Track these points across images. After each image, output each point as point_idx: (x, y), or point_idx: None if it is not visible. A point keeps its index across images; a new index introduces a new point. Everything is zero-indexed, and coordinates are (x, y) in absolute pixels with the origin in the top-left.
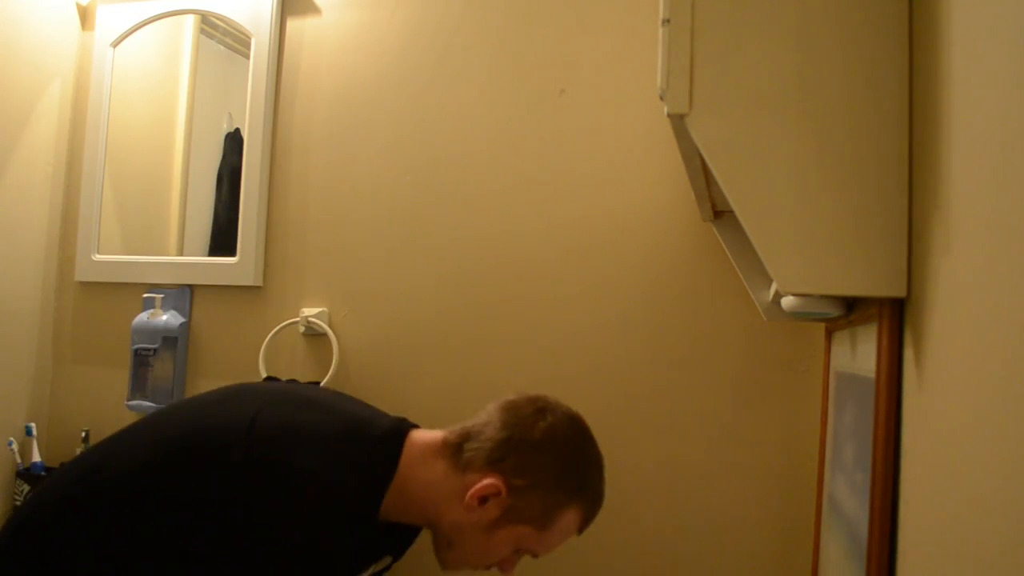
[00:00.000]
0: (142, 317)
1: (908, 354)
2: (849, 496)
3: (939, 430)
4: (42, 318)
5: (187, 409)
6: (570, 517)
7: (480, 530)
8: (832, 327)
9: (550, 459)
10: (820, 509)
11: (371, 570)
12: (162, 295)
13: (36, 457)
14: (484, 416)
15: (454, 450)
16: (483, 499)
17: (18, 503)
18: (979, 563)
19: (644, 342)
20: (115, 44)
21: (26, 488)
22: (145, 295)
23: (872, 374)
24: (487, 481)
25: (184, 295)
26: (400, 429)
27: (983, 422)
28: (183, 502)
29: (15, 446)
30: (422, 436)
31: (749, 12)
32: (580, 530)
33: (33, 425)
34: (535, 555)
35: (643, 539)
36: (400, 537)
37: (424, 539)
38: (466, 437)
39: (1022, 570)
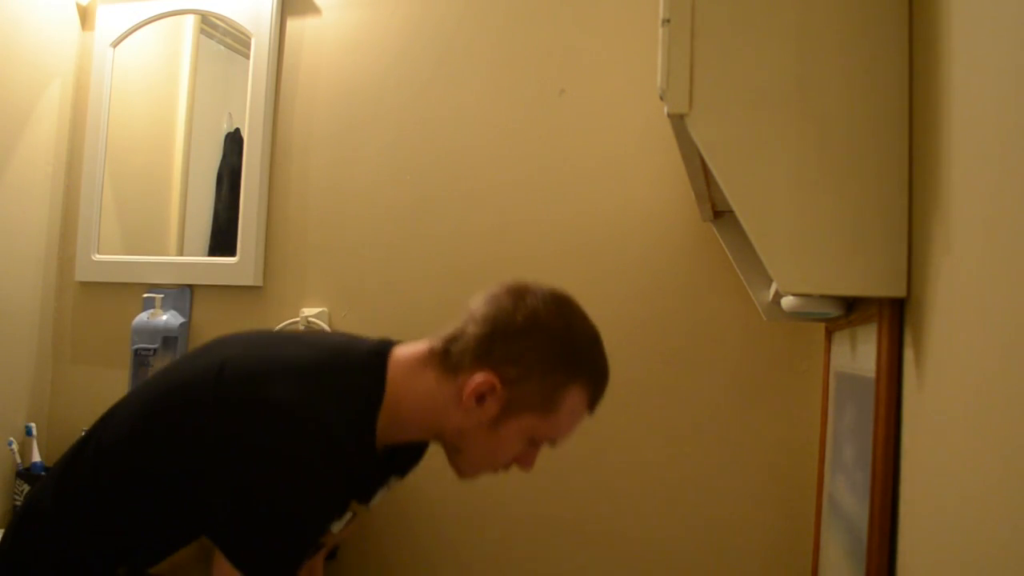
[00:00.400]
0: (142, 317)
1: (908, 354)
2: (849, 496)
3: (939, 430)
4: (42, 318)
5: (164, 371)
6: (575, 396)
7: (485, 430)
8: (832, 327)
9: (538, 341)
10: (820, 509)
11: (378, 496)
12: (162, 295)
13: (36, 457)
14: (465, 315)
15: (441, 356)
16: (480, 397)
17: (18, 503)
18: (979, 563)
19: (644, 342)
20: (115, 44)
21: (26, 488)
22: (145, 295)
23: (872, 374)
24: (479, 378)
25: (184, 295)
26: (381, 349)
27: (983, 422)
28: (169, 460)
29: (15, 446)
30: (406, 350)
31: (749, 12)
32: (591, 407)
33: (33, 425)
34: (552, 443)
35: (643, 538)
36: (407, 456)
37: (424, 534)
38: (450, 340)
39: (1022, 569)
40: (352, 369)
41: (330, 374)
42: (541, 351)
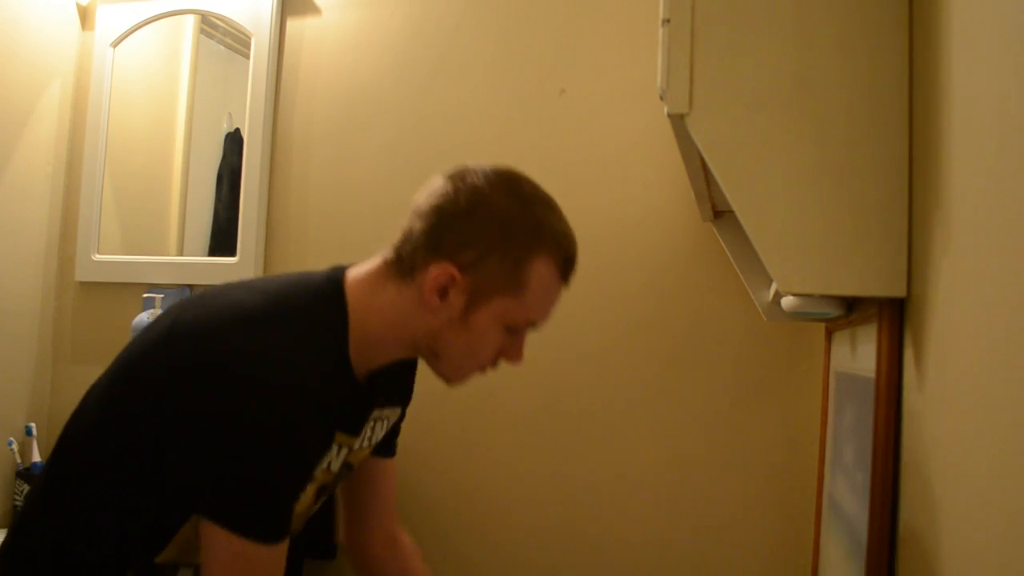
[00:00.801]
0: (142, 317)
1: (908, 354)
2: (849, 496)
3: (939, 430)
4: (42, 318)
5: (122, 352)
6: (541, 268)
7: (457, 325)
8: (832, 327)
9: (487, 219)
10: (820, 509)
11: (384, 427)
12: (162, 295)
13: (36, 457)
14: (409, 214)
15: (395, 263)
16: (442, 291)
17: (18, 503)
18: (979, 563)
19: (644, 342)
20: (115, 44)
21: (26, 488)
22: (145, 295)
23: (872, 374)
24: (435, 271)
25: (184, 295)
26: (334, 276)
27: (983, 422)
28: (136, 442)
29: (15, 446)
30: (360, 270)
31: (749, 12)
32: (564, 278)
33: (33, 425)
34: (533, 325)
35: (643, 538)
36: (396, 381)
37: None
38: (400, 244)
39: (1021, 570)
40: (309, 303)
41: (287, 313)
42: (492, 228)
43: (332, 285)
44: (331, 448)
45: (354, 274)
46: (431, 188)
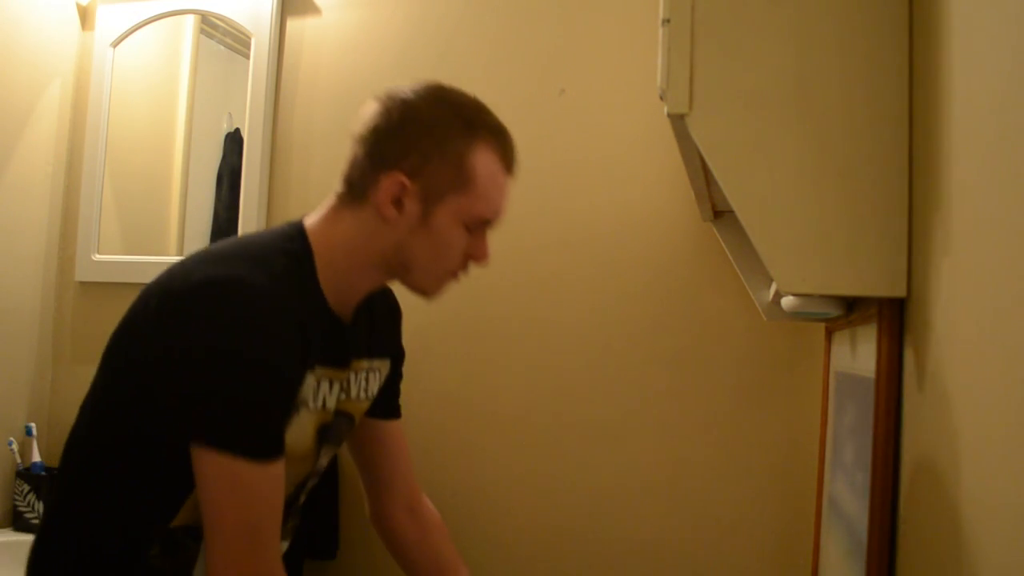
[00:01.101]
0: None
1: (908, 354)
2: (849, 496)
3: (939, 430)
4: (42, 318)
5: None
6: (483, 159)
7: (419, 232)
8: (832, 327)
9: (421, 124)
10: (820, 509)
11: (376, 379)
12: None
13: (36, 457)
14: (351, 146)
15: (347, 193)
16: (396, 201)
17: (18, 503)
18: (979, 563)
19: (644, 342)
20: (115, 44)
21: (26, 488)
22: None
23: (872, 374)
24: (385, 183)
25: None
26: (294, 221)
27: (983, 422)
28: (129, 402)
29: (15, 446)
30: (316, 213)
31: (749, 12)
32: (507, 167)
33: (33, 425)
34: (490, 222)
35: (643, 538)
36: (383, 332)
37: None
38: (347, 175)
39: (1021, 570)
40: (271, 240)
41: (252, 248)
42: (428, 131)
43: (292, 227)
44: (311, 371)
45: (311, 217)
46: (364, 113)
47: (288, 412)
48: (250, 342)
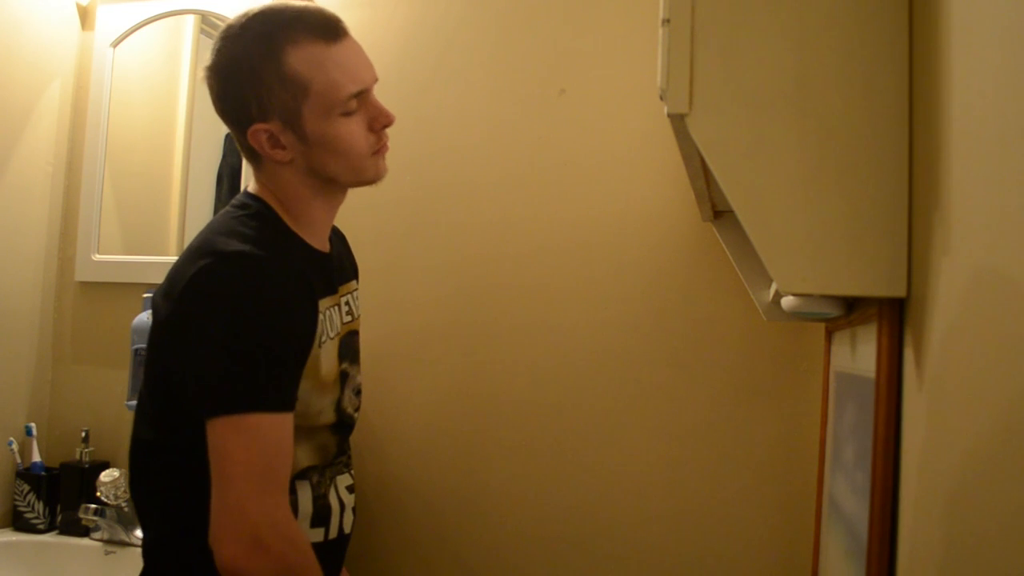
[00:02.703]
0: (142, 317)
1: (908, 354)
2: (849, 496)
3: (939, 430)
4: (42, 318)
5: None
6: (298, 59)
7: (313, 150)
8: (832, 327)
9: (235, 76)
10: (820, 509)
11: (356, 299)
12: None
13: (36, 457)
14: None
15: (249, 159)
16: (273, 144)
17: (18, 503)
18: (979, 563)
19: (644, 342)
20: (115, 44)
21: (26, 488)
22: (145, 295)
23: (872, 374)
24: (253, 142)
25: None
26: (237, 195)
27: (983, 422)
28: (166, 391)
29: (15, 446)
30: (249, 189)
31: (749, 12)
32: (327, 40)
33: (33, 425)
34: (359, 92)
35: (643, 538)
36: (346, 259)
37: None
38: (243, 153)
39: (1021, 570)
40: (233, 215)
41: (221, 228)
42: (242, 74)
43: (239, 197)
44: (321, 313)
45: (249, 187)
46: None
47: (303, 360)
48: (250, 302)
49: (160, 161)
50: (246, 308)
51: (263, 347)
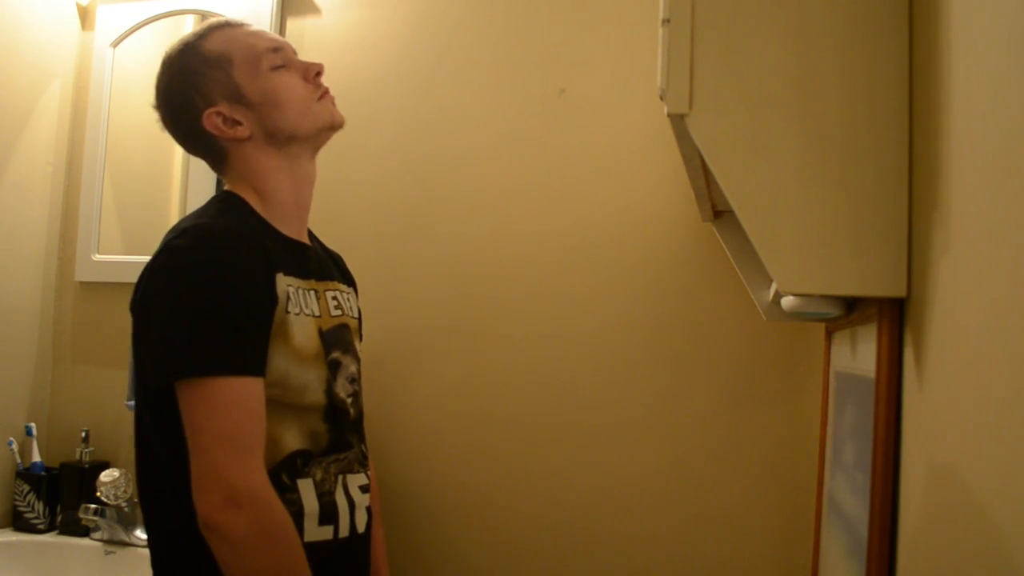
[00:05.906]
0: None
1: (908, 354)
2: (849, 496)
3: (939, 430)
4: (42, 318)
5: None
6: (214, 44)
7: (261, 113)
8: (832, 327)
9: (176, 78)
10: (820, 509)
11: (348, 301)
12: None
13: (36, 457)
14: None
15: (213, 164)
16: (228, 124)
17: (18, 503)
18: (978, 563)
19: (644, 342)
20: (115, 44)
21: (26, 488)
22: None
23: (872, 374)
24: (210, 128)
25: None
26: (219, 191)
27: (983, 422)
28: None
29: (15, 446)
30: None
31: (749, 12)
32: (228, 25)
33: (33, 425)
34: (274, 51)
35: (643, 538)
36: (343, 271)
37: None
38: (203, 159)
39: (1021, 570)
40: (207, 205)
41: (190, 216)
42: (180, 75)
43: (216, 193)
44: (282, 276)
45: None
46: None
47: (266, 325)
48: (203, 267)
49: (160, 161)
50: (198, 273)
51: (218, 309)
